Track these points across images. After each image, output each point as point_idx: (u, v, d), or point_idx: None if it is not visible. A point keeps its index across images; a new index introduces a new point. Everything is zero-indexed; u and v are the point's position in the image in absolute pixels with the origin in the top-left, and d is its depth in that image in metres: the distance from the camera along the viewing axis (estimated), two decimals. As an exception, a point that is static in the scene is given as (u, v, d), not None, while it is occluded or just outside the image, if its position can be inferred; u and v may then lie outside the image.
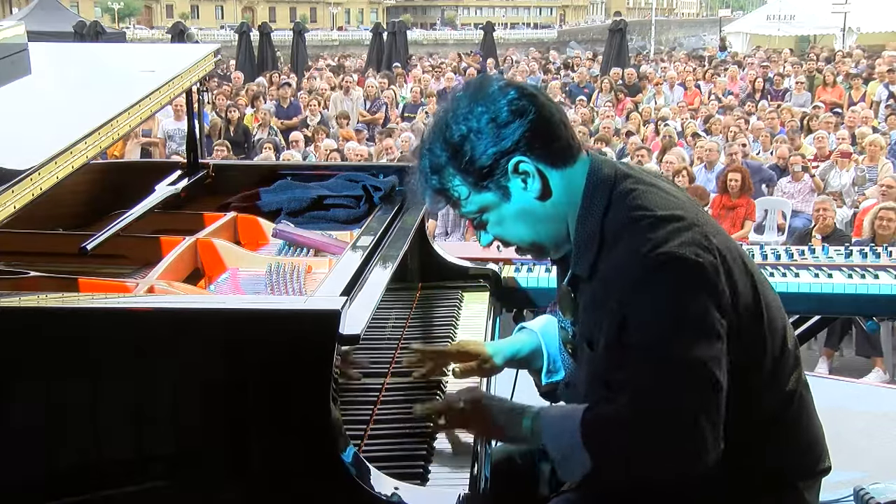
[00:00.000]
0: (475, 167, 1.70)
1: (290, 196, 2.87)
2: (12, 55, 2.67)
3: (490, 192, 1.72)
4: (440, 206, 1.80)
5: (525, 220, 1.75)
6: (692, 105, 13.74)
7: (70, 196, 2.74)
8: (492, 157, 1.69)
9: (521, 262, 3.46)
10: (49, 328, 1.70)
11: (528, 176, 1.71)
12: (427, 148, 1.74)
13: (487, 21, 27.47)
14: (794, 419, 1.81)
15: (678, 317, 1.57)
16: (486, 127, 1.68)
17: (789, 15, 24.03)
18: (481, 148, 1.68)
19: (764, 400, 1.75)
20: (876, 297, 3.27)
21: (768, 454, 1.76)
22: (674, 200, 1.71)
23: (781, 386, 1.77)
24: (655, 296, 1.58)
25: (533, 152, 1.70)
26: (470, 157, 1.69)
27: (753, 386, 1.71)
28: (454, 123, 1.70)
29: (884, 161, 9.14)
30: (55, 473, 1.69)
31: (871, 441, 3.76)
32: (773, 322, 1.76)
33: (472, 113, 1.69)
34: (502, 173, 1.70)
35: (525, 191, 1.72)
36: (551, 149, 1.71)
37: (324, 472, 1.61)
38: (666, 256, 1.58)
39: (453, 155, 1.71)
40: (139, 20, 65.93)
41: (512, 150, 1.68)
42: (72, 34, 17.15)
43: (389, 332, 2.44)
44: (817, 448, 1.85)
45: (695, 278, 1.58)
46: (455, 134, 1.70)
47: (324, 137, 10.98)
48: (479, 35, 29.92)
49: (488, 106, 1.69)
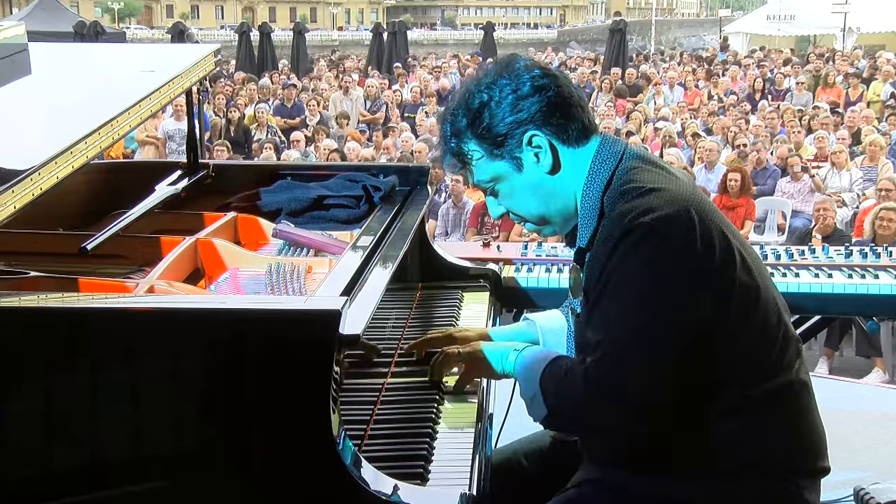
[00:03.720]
0: (491, 133, 1.79)
1: (290, 196, 2.87)
2: (12, 55, 2.67)
3: (503, 160, 1.81)
4: (456, 170, 1.90)
5: (535, 193, 1.83)
6: (692, 105, 13.74)
7: (70, 196, 2.74)
8: (507, 126, 1.78)
9: (521, 262, 3.46)
10: (49, 328, 1.70)
11: (541, 150, 1.79)
12: (450, 113, 1.85)
13: (487, 21, 27.53)
14: (794, 411, 1.81)
15: (652, 282, 1.64)
16: (506, 97, 1.78)
17: (789, 15, 24.04)
18: (499, 116, 1.78)
19: (761, 383, 1.75)
20: (876, 297, 3.27)
21: (766, 443, 1.76)
22: (672, 179, 1.77)
23: (781, 374, 1.78)
24: (632, 261, 1.65)
25: (547, 127, 1.78)
26: (488, 123, 1.78)
27: (748, 366, 1.74)
28: (477, 91, 1.81)
29: (884, 161, 9.14)
30: (55, 473, 1.69)
31: (871, 441, 3.77)
32: (769, 305, 1.77)
33: (496, 84, 1.79)
34: (516, 144, 1.78)
35: (537, 164, 1.80)
36: (566, 127, 1.79)
37: (324, 473, 1.61)
38: (646, 225, 1.65)
39: (472, 121, 1.80)
40: (139, 20, 65.97)
41: (527, 122, 1.78)
42: (72, 34, 17.15)
43: (389, 332, 2.44)
44: (817, 446, 1.85)
45: (672, 248, 1.65)
46: (476, 101, 1.80)
47: (324, 137, 10.99)
48: (479, 35, 29.95)
49: (512, 79, 1.79)
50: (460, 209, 7.96)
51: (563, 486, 1.94)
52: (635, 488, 1.81)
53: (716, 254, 1.68)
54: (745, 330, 1.73)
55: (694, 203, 1.70)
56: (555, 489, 1.95)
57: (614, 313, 1.68)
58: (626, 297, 1.67)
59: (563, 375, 1.78)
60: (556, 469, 2.03)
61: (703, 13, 77.93)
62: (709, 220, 1.70)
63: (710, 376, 1.71)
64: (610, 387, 1.67)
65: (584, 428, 1.83)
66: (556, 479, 1.98)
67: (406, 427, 1.92)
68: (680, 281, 1.65)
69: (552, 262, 3.46)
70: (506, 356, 1.94)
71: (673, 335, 1.65)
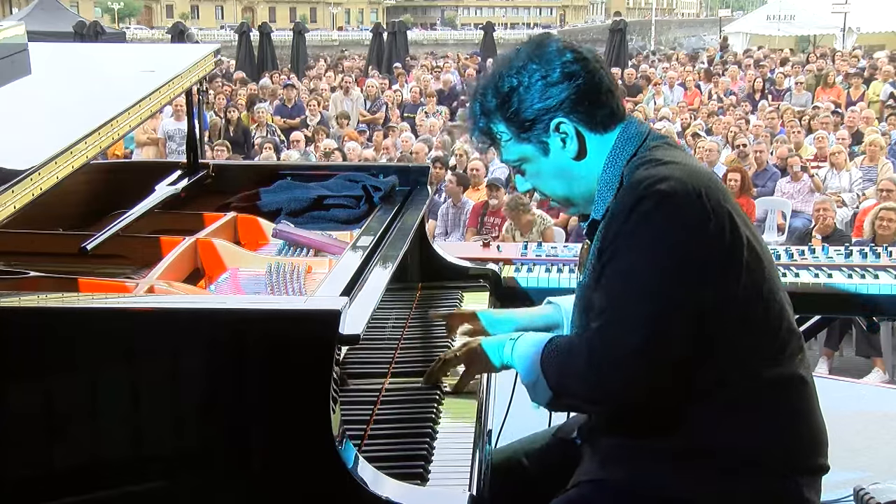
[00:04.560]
0: (519, 118, 1.82)
1: (290, 196, 2.87)
2: (12, 55, 2.67)
3: (530, 144, 1.84)
4: (485, 147, 1.95)
5: (560, 177, 1.87)
6: (692, 105, 13.74)
7: (70, 196, 2.74)
8: (535, 112, 1.80)
9: (521, 262, 3.46)
10: (49, 328, 1.70)
11: (567, 136, 1.82)
12: (480, 92, 1.86)
13: (487, 21, 27.50)
14: (794, 406, 1.81)
15: (660, 247, 1.66)
16: (535, 83, 1.79)
17: (789, 15, 24.03)
18: (528, 102, 1.80)
19: (761, 371, 1.76)
20: (876, 297, 3.27)
21: (766, 438, 1.77)
22: (692, 159, 1.82)
23: (782, 364, 1.79)
24: (643, 228, 1.67)
25: (575, 114, 1.81)
26: (516, 108, 1.81)
27: (749, 352, 1.74)
28: (507, 75, 1.82)
29: (884, 161, 9.14)
30: (55, 473, 1.69)
31: (871, 441, 3.76)
32: (773, 296, 1.78)
33: (526, 68, 1.81)
34: (543, 129, 1.81)
35: (563, 149, 1.83)
36: (593, 114, 1.82)
37: (324, 473, 1.61)
38: (660, 192, 1.67)
39: (501, 103, 1.83)
40: (139, 20, 65.98)
41: (555, 109, 1.80)
42: (72, 34, 17.16)
43: (389, 332, 2.44)
44: (818, 444, 1.85)
45: (684, 218, 1.66)
46: (506, 84, 1.82)
47: (324, 137, 10.99)
48: (479, 35, 29.92)
49: (542, 64, 1.80)
50: (460, 209, 7.96)
51: (563, 486, 1.93)
52: (635, 487, 1.81)
53: (726, 232, 1.69)
54: (747, 314, 1.74)
55: (711, 183, 1.73)
56: (555, 489, 1.95)
57: (621, 275, 1.69)
58: (634, 260, 1.67)
59: (563, 349, 1.79)
60: (556, 469, 2.02)
61: (703, 13, 77.99)
62: (724, 201, 1.72)
63: (709, 357, 1.71)
64: (612, 345, 1.68)
65: (590, 398, 1.78)
66: (556, 479, 1.98)
67: (406, 427, 1.92)
68: (689, 250, 1.66)
69: (552, 262, 3.46)
70: (502, 347, 1.94)
71: (676, 294, 1.65)
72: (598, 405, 1.81)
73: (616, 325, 1.68)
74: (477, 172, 8.49)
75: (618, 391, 1.71)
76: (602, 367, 1.69)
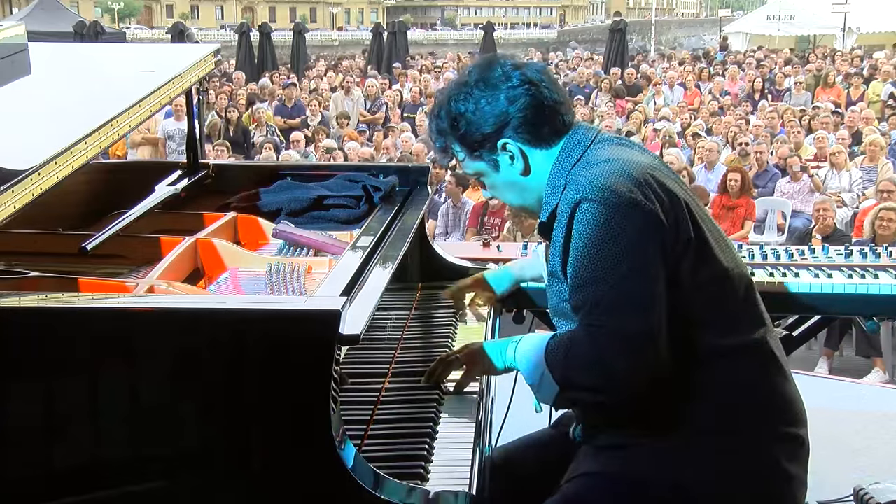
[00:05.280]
0: (468, 140, 1.96)
1: (290, 196, 2.87)
2: (12, 55, 2.67)
3: (482, 161, 1.98)
4: (447, 161, 2.19)
5: (512, 189, 2.02)
6: (692, 105, 13.73)
7: (70, 196, 2.74)
8: (482, 135, 1.94)
9: (521, 262, 3.45)
10: (49, 328, 1.70)
11: (513, 155, 1.95)
12: (435, 113, 2.02)
13: (487, 21, 27.47)
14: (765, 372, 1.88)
15: (611, 238, 1.77)
16: (482, 108, 1.93)
17: (789, 15, 24.06)
18: (474, 126, 1.94)
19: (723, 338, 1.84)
20: (876, 297, 3.26)
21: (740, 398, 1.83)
22: (630, 152, 1.90)
23: (746, 331, 1.87)
24: (587, 227, 1.78)
25: (518, 135, 1.94)
26: (464, 131, 1.95)
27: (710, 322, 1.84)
28: (456, 99, 1.96)
29: (884, 161, 9.14)
30: (55, 473, 1.69)
31: (871, 441, 3.76)
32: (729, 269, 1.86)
33: (472, 95, 1.94)
34: (491, 149, 1.95)
35: (511, 166, 1.97)
36: (537, 133, 1.94)
37: (324, 473, 1.61)
38: (594, 190, 1.79)
39: (451, 126, 1.97)
40: (139, 20, 65.96)
41: (499, 132, 1.93)
42: (72, 34, 17.15)
43: (389, 332, 2.44)
44: (791, 411, 1.90)
45: (624, 207, 1.77)
46: (455, 109, 1.96)
47: (324, 137, 10.99)
48: (479, 35, 29.93)
49: (488, 90, 1.93)
50: (460, 209, 7.96)
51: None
52: (631, 478, 1.84)
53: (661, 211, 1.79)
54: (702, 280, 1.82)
55: (647, 169, 1.84)
56: (554, 489, 1.95)
57: (587, 271, 1.79)
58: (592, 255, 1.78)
59: (566, 343, 1.84)
60: (556, 468, 2.03)
61: (703, 13, 77.93)
62: (661, 184, 1.82)
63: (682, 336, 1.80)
64: (612, 330, 1.76)
65: (598, 386, 1.81)
66: (556, 478, 1.98)
67: (406, 427, 1.92)
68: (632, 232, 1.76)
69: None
70: (505, 350, 1.99)
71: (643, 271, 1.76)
72: (603, 393, 1.82)
73: (606, 311, 1.77)
74: (477, 172, 8.48)
75: (624, 373, 1.75)
76: (608, 350, 1.76)
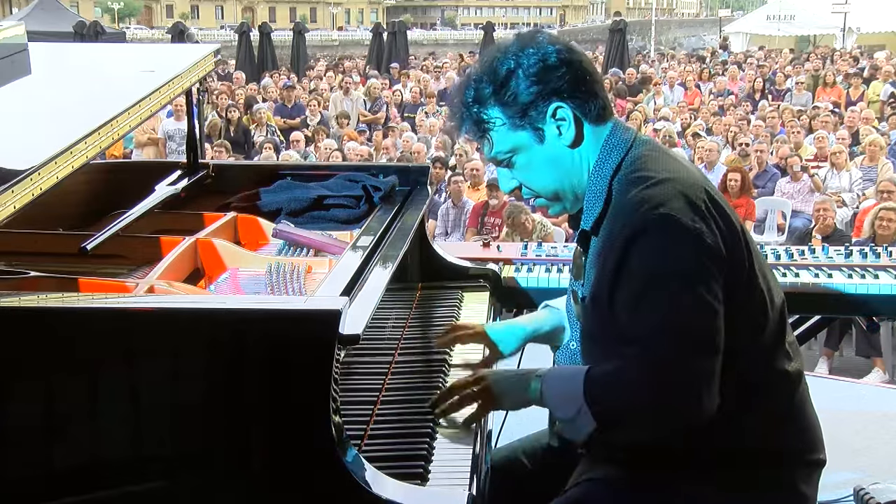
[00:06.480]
0: (516, 102, 1.77)
1: (290, 196, 2.87)
2: (12, 55, 2.67)
3: (525, 130, 1.79)
4: (475, 137, 1.86)
5: (552, 167, 1.82)
6: (692, 105, 13.74)
7: (70, 196, 2.74)
8: (533, 95, 1.76)
9: (521, 262, 3.46)
10: (49, 328, 1.70)
11: (564, 122, 1.78)
12: (475, 79, 1.81)
13: (487, 21, 27.45)
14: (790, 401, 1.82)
15: (675, 273, 1.63)
16: (533, 66, 1.76)
17: (789, 15, 24.07)
18: (526, 84, 1.76)
19: (760, 367, 1.77)
20: (876, 297, 3.27)
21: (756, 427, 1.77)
22: (680, 165, 1.78)
23: (777, 362, 1.79)
24: (651, 252, 1.64)
25: (573, 100, 1.78)
26: (514, 91, 1.77)
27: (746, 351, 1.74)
28: (504, 59, 1.78)
29: (884, 161, 9.14)
30: (55, 473, 1.69)
31: (871, 441, 3.76)
32: (771, 297, 1.78)
33: (523, 52, 1.77)
34: (540, 115, 1.77)
35: (558, 137, 1.79)
36: (590, 103, 1.79)
37: (324, 473, 1.61)
38: (662, 216, 1.64)
39: (498, 88, 1.78)
40: (139, 20, 65.98)
41: (553, 93, 1.77)
42: (72, 34, 17.15)
43: (389, 332, 2.44)
44: (811, 435, 1.86)
45: (689, 239, 1.64)
46: (503, 68, 1.78)
47: (324, 137, 10.99)
48: (479, 35, 29.94)
49: (538, 49, 1.77)
50: (460, 209, 7.96)
51: (563, 486, 1.93)
52: (635, 485, 1.81)
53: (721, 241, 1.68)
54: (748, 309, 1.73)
55: (702, 191, 1.72)
56: (555, 489, 1.95)
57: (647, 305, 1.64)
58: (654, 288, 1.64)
59: (612, 377, 1.70)
60: (556, 469, 2.02)
61: (703, 13, 77.99)
62: (720, 210, 1.72)
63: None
64: (672, 367, 1.62)
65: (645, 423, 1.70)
66: (557, 479, 1.98)
67: (406, 427, 1.92)
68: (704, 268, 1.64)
69: (552, 262, 3.46)
70: (528, 386, 1.82)
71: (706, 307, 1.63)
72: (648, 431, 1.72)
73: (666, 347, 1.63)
74: (477, 172, 8.49)
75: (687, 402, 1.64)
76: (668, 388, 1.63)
